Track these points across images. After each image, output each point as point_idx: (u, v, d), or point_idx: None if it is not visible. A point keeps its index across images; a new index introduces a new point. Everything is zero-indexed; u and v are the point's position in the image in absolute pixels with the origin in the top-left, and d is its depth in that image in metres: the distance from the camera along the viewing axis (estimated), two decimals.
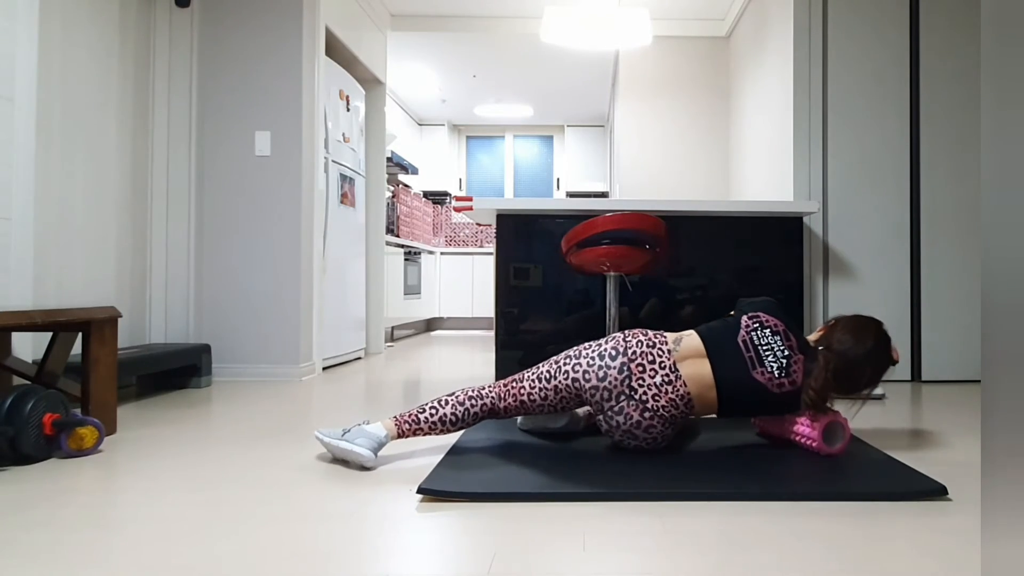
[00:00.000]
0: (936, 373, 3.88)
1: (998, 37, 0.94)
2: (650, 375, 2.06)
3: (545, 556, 1.37)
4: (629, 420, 2.05)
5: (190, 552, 1.39)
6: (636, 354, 2.09)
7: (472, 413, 2.17)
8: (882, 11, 3.95)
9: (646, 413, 2.04)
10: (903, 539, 1.47)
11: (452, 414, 2.15)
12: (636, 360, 2.08)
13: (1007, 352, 0.92)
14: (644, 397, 2.05)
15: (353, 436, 2.05)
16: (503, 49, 6.52)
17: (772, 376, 2.09)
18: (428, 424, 2.13)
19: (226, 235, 3.94)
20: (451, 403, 2.16)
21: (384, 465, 2.06)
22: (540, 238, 3.64)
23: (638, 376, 2.06)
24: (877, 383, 2.20)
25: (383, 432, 2.07)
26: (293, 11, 3.95)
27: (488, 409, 2.18)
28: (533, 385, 2.16)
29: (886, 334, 2.22)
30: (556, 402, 2.16)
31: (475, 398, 2.18)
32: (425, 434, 2.14)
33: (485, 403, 2.17)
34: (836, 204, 3.95)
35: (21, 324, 2.15)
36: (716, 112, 5.89)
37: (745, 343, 2.13)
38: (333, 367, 4.55)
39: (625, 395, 2.06)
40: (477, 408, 2.17)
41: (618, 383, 2.06)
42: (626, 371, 2.06)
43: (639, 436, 2.08)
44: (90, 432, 2.19)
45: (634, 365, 2.07)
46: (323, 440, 2.09)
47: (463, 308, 8.61)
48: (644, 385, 2.05)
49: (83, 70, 3.30)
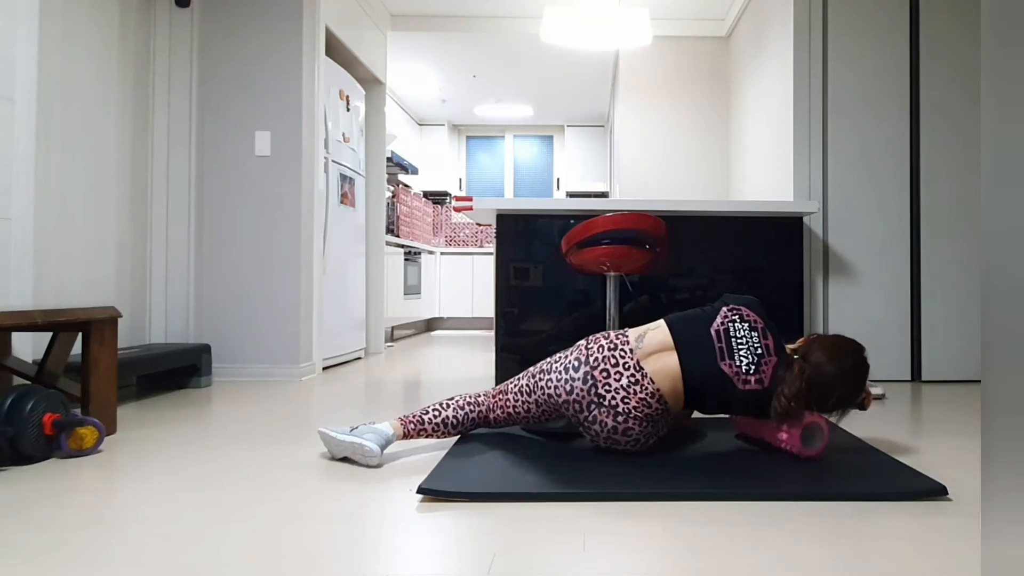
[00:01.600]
0: (936, 373, 3.88)
1: (998, 37, 0.94)
2: (615, 379, 2.02)
3: (545, 556, 1.37)
4: (605, 427, 2.03)
5: (190, 552, 1.39)
6: (598, 360, 2.05)
7: (470, 419, 2.24)
8: (882, 11, 3.95)
9: (619, 417, 2.01)
10: (903, 539, 1.47)
11: (453, 417, 2.22)
12: (599, 367, 2.04)
13: (1007, 352, 0.92)
14: (613, 402, 2.01)
15: (361, 432, 2.07)
16: (503, 49, 6.52)
17: (739, 370, 2.01)
18: (431, 426, 2.19)
19: (226, 235, 3.94)
20: (452, 407, 2.23)
21: (384, 465, 2.06)
22: (540, 238, 3.64)
23: (603, 382, 2.02)
24: (843, 409, 2.09)
25: (390, 431, 2.10)
26: (293, 11, 3.95)
27: (482, 417, 2.25)
28: (517, 398, 2.21)
29: (866, 362, 2.10)
30: (539, 414, 2.20)
31: (472, 404, 2.25)
32: (428, 435, 2.20)
33: (481, 411, 2.24)
34: (836, 204, 3.95)
35: (21, 324, 2.15)
36: (716, 112, 5.89)
37: (718, 333, 2.05)
38: (333, 367, 4.55)
39: (595, 403, 2.02)
40: (474, 415, 2.24)
41: (585, 393, 2.03)
42: (590, 380, 2.03)
43: (621, 441, 2.05)
44: (90, 432, 2.19)
45: (597, 372, 2.03)
46: (328, 435, 2.10)
47: (463, 308, 8.61)
48: (611, 390, 2.01)
49: (83, 70, 3.30)
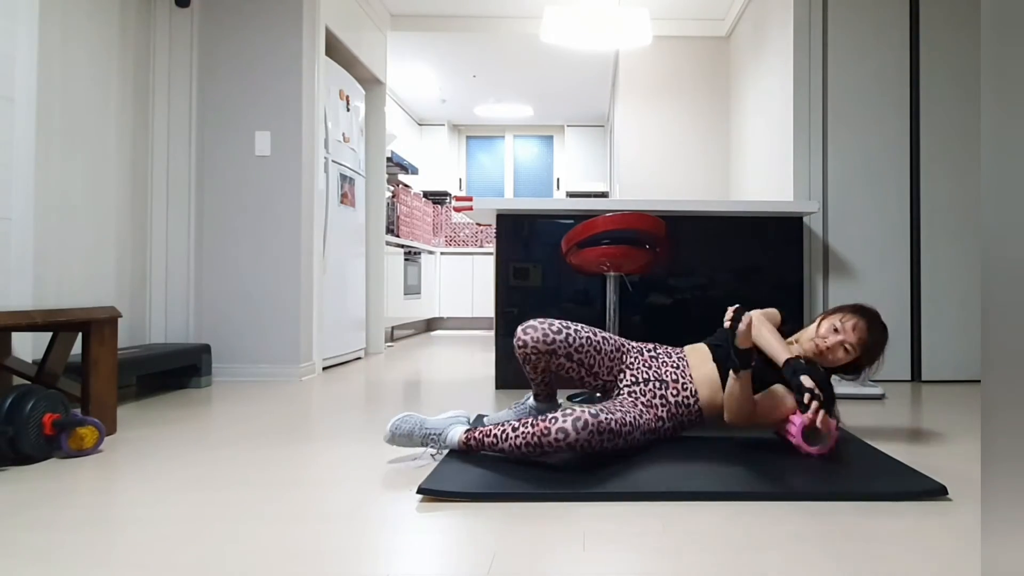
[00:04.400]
0: (936, 373, 3.88)
1: (998, 37, 0.94)
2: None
3: (545, 556, 1.37)
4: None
5: (191, 552, 1.39)
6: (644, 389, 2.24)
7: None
8: (882, 11, 3.95)
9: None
10: (903, 539, 1.47)
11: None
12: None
13: (1007, 352, 0.92)
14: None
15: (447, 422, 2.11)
16: (503, 49, 6.52)
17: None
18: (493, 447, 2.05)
19: (226, 235, 3.94)
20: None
21: (384, 465, 2.06)
22: (540, 238, 3.64)
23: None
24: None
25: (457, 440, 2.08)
26: (293, 11, 3.95)
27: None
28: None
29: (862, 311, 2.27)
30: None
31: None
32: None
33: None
34: (836, 204, 3.95)
35: (21, 324, 2.15)
36: (716, 112, 5.89)
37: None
38: (333, 367, 4.55)
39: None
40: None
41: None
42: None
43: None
44: (90, 432, 2.19)
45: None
46: (405, 423, 2.10)
47: (463, 308, 8.60)
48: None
49: (83, 70, 3.30)
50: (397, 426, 2.09)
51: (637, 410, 2.12)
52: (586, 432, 1.89)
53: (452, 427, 2.09)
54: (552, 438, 1.89)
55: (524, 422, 1.96)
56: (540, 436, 1.90)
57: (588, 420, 1.90)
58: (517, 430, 1.95)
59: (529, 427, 1.93)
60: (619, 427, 1.98)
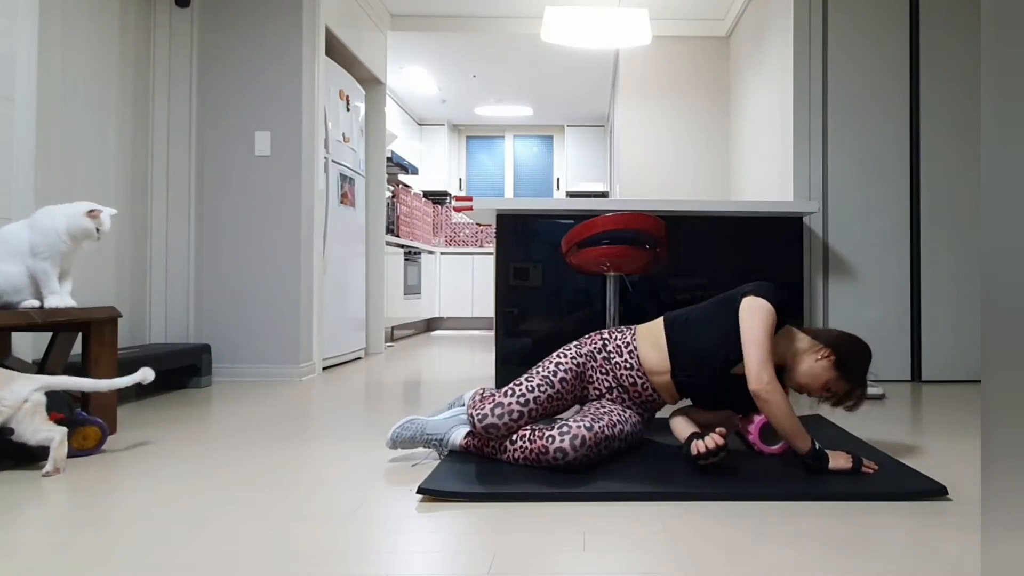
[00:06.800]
0: (936, 373, 3.88)
1: (998, 37, 0.94)
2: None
3: (545, 556, 1.37)
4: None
5: (191, 552, 1.40)
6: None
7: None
8: (882, 11, 3.95)
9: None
10: (903, 539, 1.47)
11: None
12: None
13: (1007, 352, 0.92)
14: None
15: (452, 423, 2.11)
16: (503, 49, 6.52)
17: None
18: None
19: (226, 235, 3.94)
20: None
21: (384, 465, 2.06)
22: (540, 238, 3.64)
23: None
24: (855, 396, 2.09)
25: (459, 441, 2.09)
26: (293, 11, 3.96)
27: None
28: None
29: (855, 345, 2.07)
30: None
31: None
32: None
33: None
34: (836, 204, 3.95)
35: (21, 324, 2.15)
36: (716, 112, 5.89)
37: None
38: (333, 367, 4.55)
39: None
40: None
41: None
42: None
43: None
44: (93, 432, 2.19)
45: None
46: (411, 425, 2.10)
47: (463, 308, 8.60)
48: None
49: (83, 70, 3.30)
50: (398, 434, 2.09)
51: (619, 407, 2.13)
52: (584, 449, 1.90)
53: (454, 430, 2.09)
54: (551, 457, 1.91)
55: (522, 435, 1.97)
56: (539, 455, 1.93)
57: (585, 437, 1.91)
58: (515, 443, 1.97)
59: (527, 442, 1.95)
60: (612, 430, 2.00)
